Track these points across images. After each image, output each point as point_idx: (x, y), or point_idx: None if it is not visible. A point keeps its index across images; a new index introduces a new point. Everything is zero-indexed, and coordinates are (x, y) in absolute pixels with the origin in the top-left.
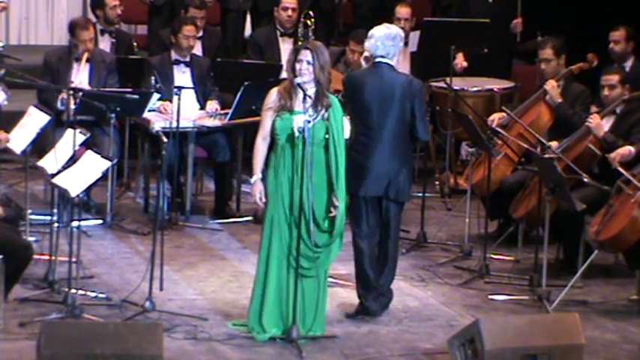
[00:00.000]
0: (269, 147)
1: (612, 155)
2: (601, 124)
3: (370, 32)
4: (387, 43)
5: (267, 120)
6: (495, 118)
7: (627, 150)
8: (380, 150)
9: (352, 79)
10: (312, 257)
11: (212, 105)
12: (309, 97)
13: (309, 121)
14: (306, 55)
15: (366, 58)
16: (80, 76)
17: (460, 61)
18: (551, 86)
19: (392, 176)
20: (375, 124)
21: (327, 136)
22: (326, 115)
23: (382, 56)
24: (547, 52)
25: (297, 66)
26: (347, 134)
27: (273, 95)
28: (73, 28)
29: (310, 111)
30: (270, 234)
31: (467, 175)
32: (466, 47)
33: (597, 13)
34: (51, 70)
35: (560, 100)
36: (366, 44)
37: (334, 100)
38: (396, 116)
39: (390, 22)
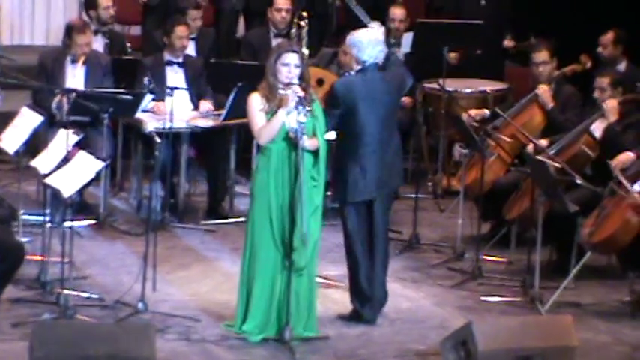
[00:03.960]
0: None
1: (613, 163)
2: (616, 107)
3: (355, 40)
4: (378, 47)
5: (261, 118)
6: (473, 113)
7: (627, 157)
8: (373, 152)
9: (347, 85)
10: (303, 256)
11: (205, 105)
12: (300, 97)
13: (302, 123)
14: (293, 59)
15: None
16: (76, 79)
17: (454, 55)
18: (543, 90)
19: (387, 173)
20: (369, 127)
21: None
22: (310, 109)
23: (373, 62)
24: (543, 55)
25: (284, 69)
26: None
27: (257, 99)
28: (70, 31)
29: (301, 110)
30: (252, 237)
31: (460, 177)
32: (459, 48)
33: (590, 14)
34: (46, 72)
35: (551, 105)
36: (357, 53)
37: (314, 95)
38: (387, 114)
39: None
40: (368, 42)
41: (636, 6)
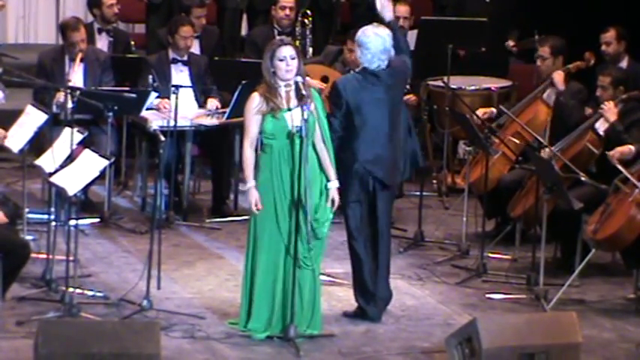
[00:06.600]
0: (256, 149)
1: (611, 153)
2: (614, 109)
3: (362, 41)
4: (382, 57)
5: (253, 125)
6: (481, 113)
7: (627, 148)
8: (376, 149)
9: (347, 83)
10: (307, 253)
11: (213, 103)
12: (304, 95)
13: (306, 120)
14: (288, 51)
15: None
16: (75, 77)
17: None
18: (558, 74)
19: (389, 170)
20: (371, 125)
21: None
22: (312, 106)
23: (374, 67)
24: (544, 50)
25: (282, 64)
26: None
27: (256, 100)
28: (64, 29)
29: (305, 107)
30: (255, 234)
31: (464, 174)
32: (463, 46)
33: (595, 12)
34: (45, 71)
35: (562, 88)
36: (361, 55)
37: (314, 90)
38: (389, 111)
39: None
40: (375, 48)
41: (638, 3)
